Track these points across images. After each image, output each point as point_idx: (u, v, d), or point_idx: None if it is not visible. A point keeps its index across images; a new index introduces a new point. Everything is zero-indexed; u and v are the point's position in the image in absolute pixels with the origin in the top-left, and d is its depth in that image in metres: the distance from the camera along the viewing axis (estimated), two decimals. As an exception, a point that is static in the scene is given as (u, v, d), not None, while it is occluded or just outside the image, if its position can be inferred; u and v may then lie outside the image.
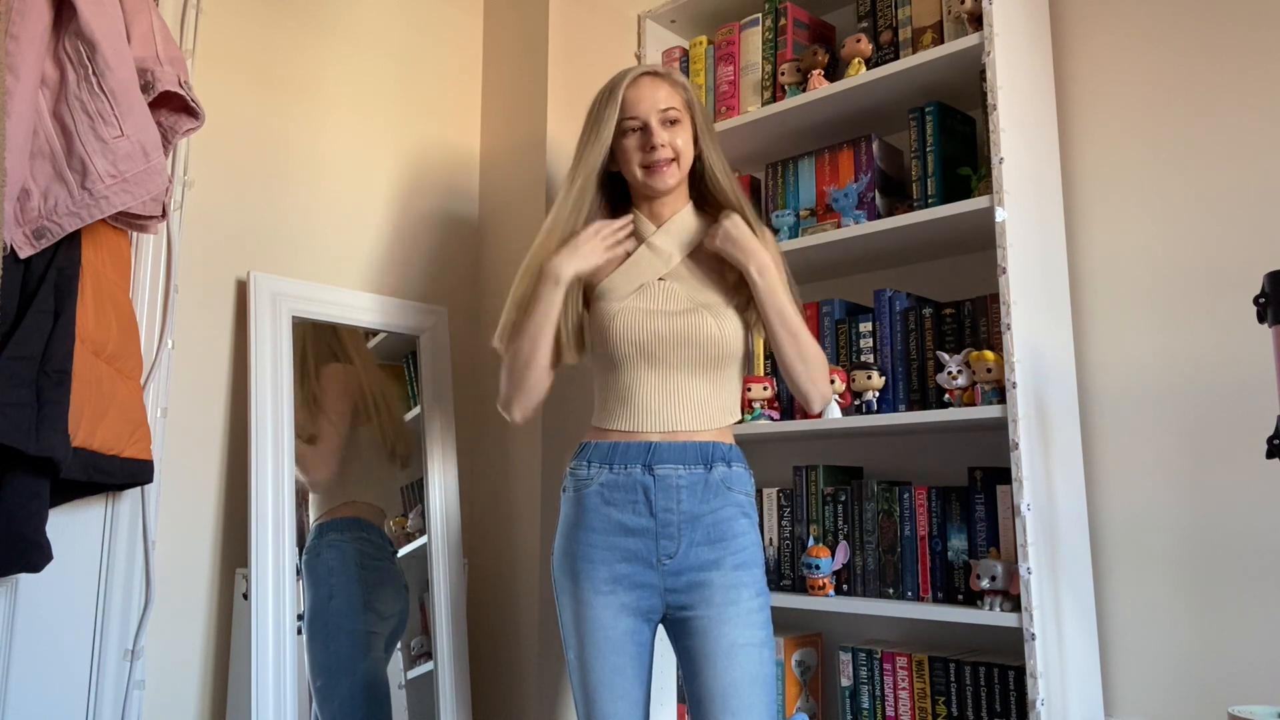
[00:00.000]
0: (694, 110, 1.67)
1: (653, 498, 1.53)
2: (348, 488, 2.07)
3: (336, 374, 2.08)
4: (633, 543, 1.53)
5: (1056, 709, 1.56)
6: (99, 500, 1.68)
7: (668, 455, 1.55)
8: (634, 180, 1.66)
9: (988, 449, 1.89)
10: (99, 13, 1.46)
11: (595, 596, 1.53)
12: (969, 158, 1.94)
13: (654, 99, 1.62)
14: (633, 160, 1.64)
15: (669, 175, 1.63)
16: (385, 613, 2.04)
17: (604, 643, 1.52)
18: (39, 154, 1.41)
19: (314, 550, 1.95)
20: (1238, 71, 1.75)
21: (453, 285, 2.38)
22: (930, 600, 1.78)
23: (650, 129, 1.61)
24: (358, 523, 2.05)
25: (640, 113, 1.62)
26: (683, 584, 1.52)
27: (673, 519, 1.52)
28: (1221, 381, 1.70)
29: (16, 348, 1.35)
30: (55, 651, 1.60)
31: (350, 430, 2.08)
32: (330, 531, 1.99)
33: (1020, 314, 1.65)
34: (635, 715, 1.53)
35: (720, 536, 1.53)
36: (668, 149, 1.61)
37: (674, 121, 1.63)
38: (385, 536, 2.09)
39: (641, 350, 1.58)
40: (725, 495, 1.55)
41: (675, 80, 1.67)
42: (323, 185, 2.15)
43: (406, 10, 2.37)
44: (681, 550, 1.52)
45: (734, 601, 1.49)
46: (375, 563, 2.05)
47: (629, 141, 1.63)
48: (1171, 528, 1.72)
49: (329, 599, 1.94)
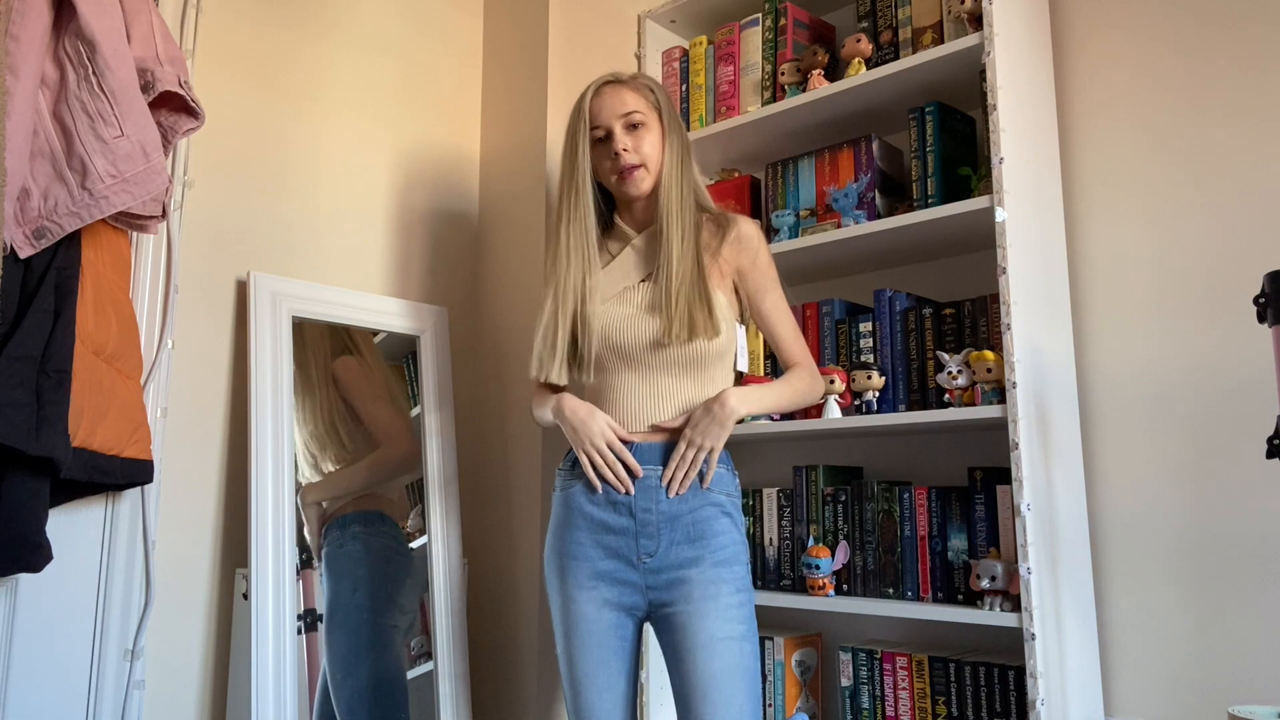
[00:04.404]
0: (661, 110, 1.68)
1: (632, 499, 1.57)
2: None
3: (352, 365, 2.09)
4: (614, 540, 1.57)
5: (1056, 709, 1.56)
6: (99, 500, 1.68)
7: (647, 456, 1.58)
8: (611, 188, 1.70)
9: (988, 449, 1.89)
10: (99, 13, 1.46)
11: (579, 592, 1.58)
12: (969, 158, 1.94)
13: (615, 105, 1.65)
14: (604, 167, 1.67)
15: (640, 180, 1.65)
16: (406, 608, 2.05)
17: (588, 636, 1.56)
18: (39, 154, 1.41)
19: (337, 542, 1.95)
20: (1238, 71, 1.75)
21: (453, 285, 2.38)
22: (930, 600, 1.78)
23: (613, 135, 1.64)
24: (381, 516, 2.06)
25: (602, 121, 1.65)
26: (663, 581, 1.55)
27: (651, 519, 1.56)
28: (1221, 381, 1.70)
29: (16, 348, 1.35)
30: (55, 651, 1.60)
31: (349, 421, 2.08)
32: (354, 524, 2.00)
33: (1020, 314, 1.65)
34: (619, 708, 1.57)
35: (700, 535, 1.55)
36: (632, 154, 1.63)
37: (638, 125, 1.64)
38: (400, 529, 2.10)
39: (621, 353, 1.61)
40: (704, 495, 1.58)
41: (639, 83, 1.69)
42: (323, 185, 2.15)
43: (406, 10, 2.37)
44: (661, 549, 1.55)
45: (713, 597, 1.52)
46: (398, 557, 2.06)
47: (597, 151, 1.67)
48: (1171, 528, 1.72)
49: (353, 591, 1.95)
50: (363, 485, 2.03)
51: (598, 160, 1.67)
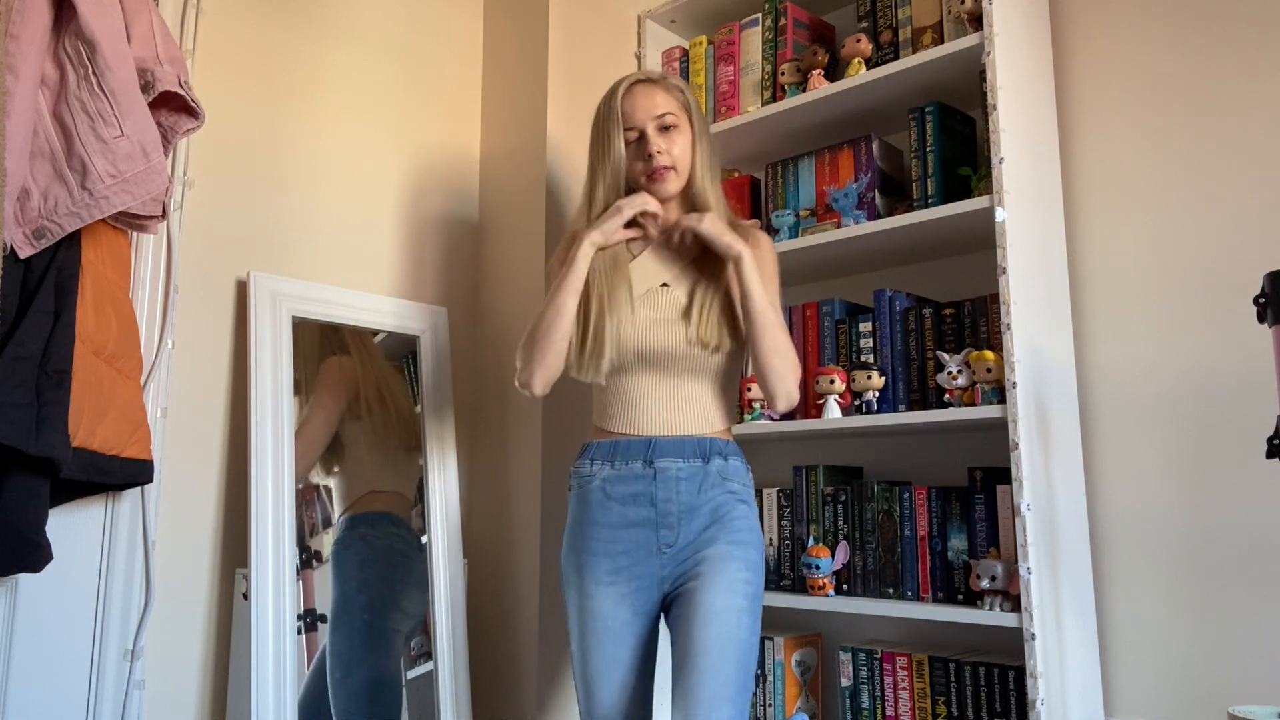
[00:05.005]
0: (691, 112, 1.67)
1: (653, 490, 1.57)
2: (368, 478, 2.07)
3: (331, 368, 2.08)
4: (634, 533, 1.57)
5: (1056, 709, 1.56)
6: (99, 500, 1.68)
7: (667, 449, 1.58)
8: (639, 188, 1.67)
9: (988, 449, 1.89)
10: (99, 13, 1.46)
11: (596, 588, 1.57)
12: (969, 158, 1.94)
13: (649, 106, 1.63)
14: (635, 168, 1.65)
15: (670, 182, 1.64)
16: (410, 611, 2.04)
17: (603, 633, 1.56)
18: (39, 154, 1.41)
19: (343, 542, 1.94)
20: (1238, 71, 1.75)
21: (453, 285, 2.38)
22: (930, 600, 1.78)
23: (646, 137, 1.63)
24: (389, 518, 2.05)
25: (636, 122, 1.63)
26: (681, 568, 1.55)
27: (672, 509, 1.56)
28: (1222, 382, 1.70)
29: (16, 348, 1.35)
30: (55, 651, 1.60)
31: (345, 423, 2.07)
32: (360, 525, 1.99)
33: (1020, 314, 1.65)
34: (635, 705, 1.55)
35: (718, 519, 1.56)
36: (665, 156, 1.62)
37: (670, 127, 1.64)
38: (412, 530, 2.10)
39: (642, 357, 1.61)
40: (722, 486, 1.58)
41: (670, 84, 1.67)
42: (323, 185, 2.15)
43: (406, 10, 2.37)
44: (680, 538, 1.56)
45: (722, 571, 1.52)
46: (405, 560, 2.06)
47: (629, 151, 1.65)
48: (1171, 528, 1.72)
49: (357, 592, 1.94)
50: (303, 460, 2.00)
51: (628, 161, 1.66)
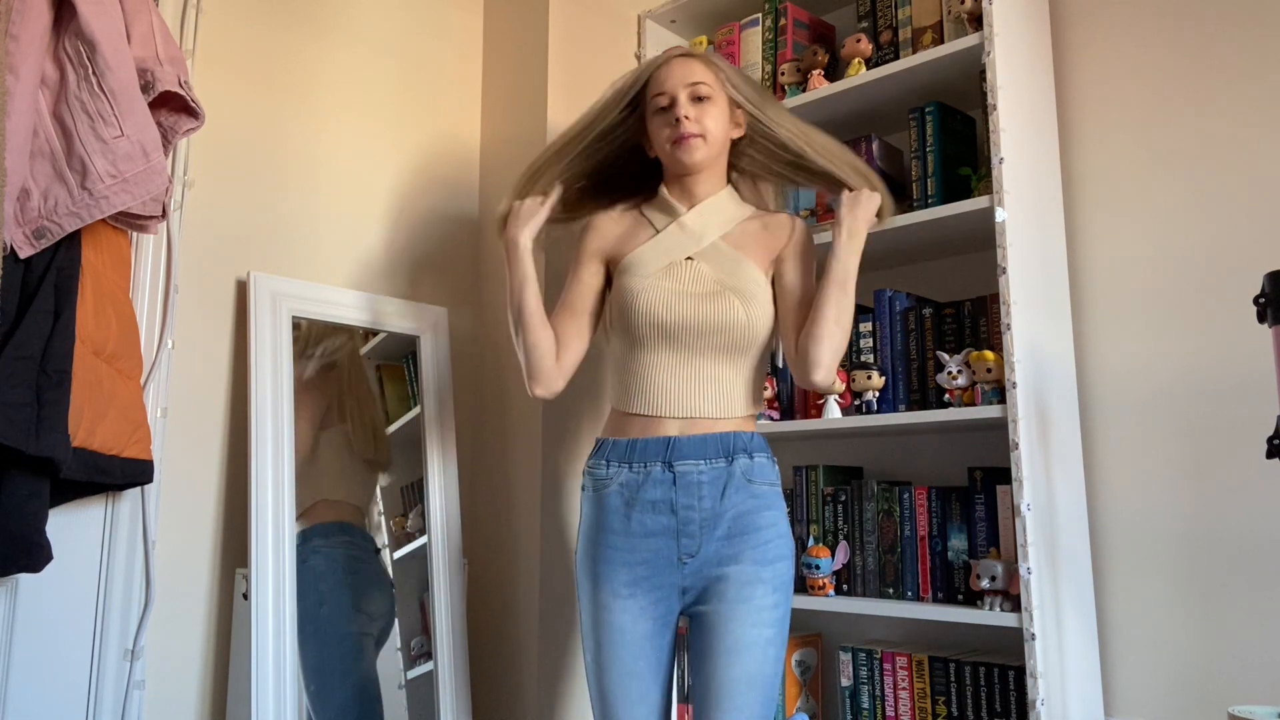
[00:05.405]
0: (737, 87, 1.64)
1: (673, 496, 1.52)
2: (321, 487, 2.05)
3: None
4: (654, 543, 1.52)
5: (1056, 709, 1.56)
6: (99, 500, 1.68)
7: (687, 450, 1.53)
8: (665, 157, 1.64)
9: (988, 449, 1.89)
10: (99, 13, 1.46)
11: (614, 600, 1.52)
12: (969, 158, 1.94)
13: (684, 74, 1.61)
14: (661, 135, 1.62)
15: (695, 149, 1.59)
16: (375, 614, 2.04)
17: (621, 647, 1.51)
18: (39, 154, 1.41)
19: (300, 557, 1.92)
20: (1238, 72, 1.75)
21: (453, 285, 2.38)
22: (930, 600, 1.78)
23: (677, 102, 1.60)
24: (342, 527, 2.04)
25: (668, 88, 1.61)
26: (702, 580, 1.51)
27: (694, 516, 1.51)
28: (1221, 381, 1.70)
29: (16, 348, 1.35)
30: (55, 651, 1.60)
31: (320, 430, 2.07)
32: (315, 537, 1.98)
33: (1020, 314, 1.65)
34: (652, 717, 1.52)
35: (742, 530, 1.51)
36: (694, 123, 1.59)
37: (703, 98, 1.60)
38: (367, 536, 2.09)
39: (663, 331, 1.56)
40: (747, 489, 1.53)
41: (710, 60, 1.65)
42: (323, 185, 2.15)
43: (406, 10, 2.37)
44: (702, 548, 1.51)
45: (747, 599, 1.48)
46: (362, 565, 2.05)
47: (658, 118, 1.63)
48: (1171, 528, 1.72)
49: (319, 605, 1.93)
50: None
51: (655, 128, 1.63)
